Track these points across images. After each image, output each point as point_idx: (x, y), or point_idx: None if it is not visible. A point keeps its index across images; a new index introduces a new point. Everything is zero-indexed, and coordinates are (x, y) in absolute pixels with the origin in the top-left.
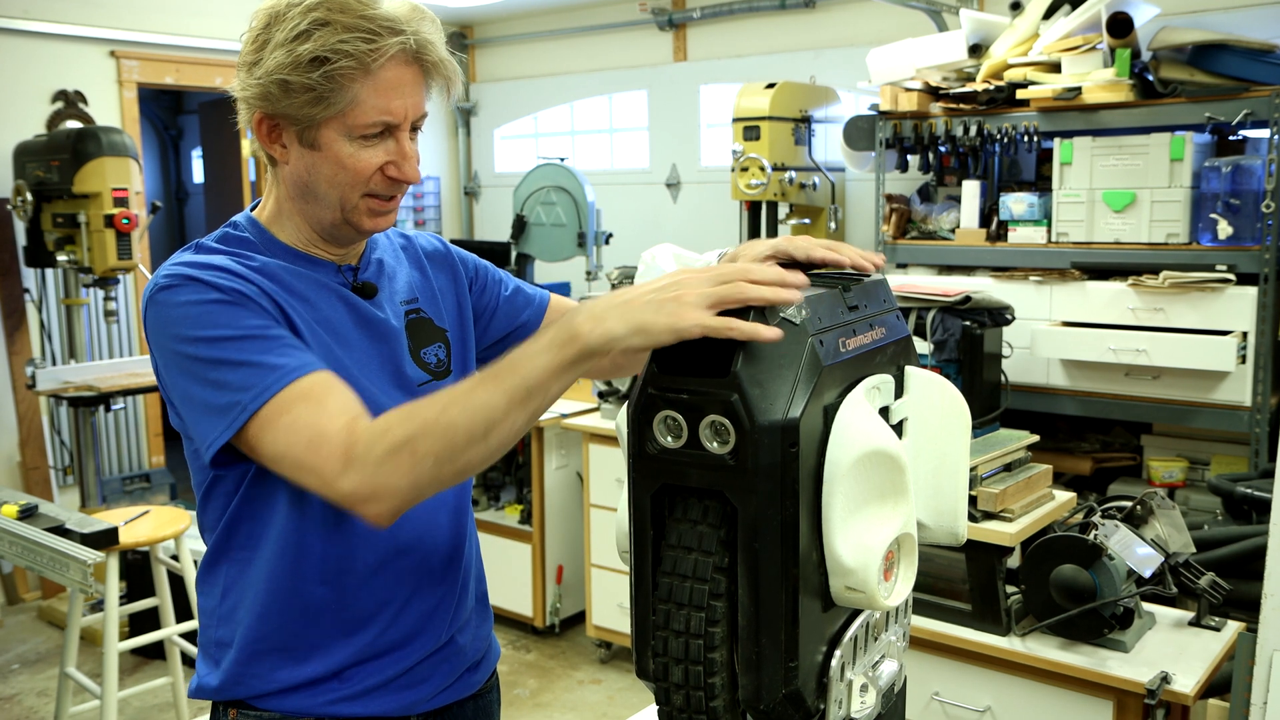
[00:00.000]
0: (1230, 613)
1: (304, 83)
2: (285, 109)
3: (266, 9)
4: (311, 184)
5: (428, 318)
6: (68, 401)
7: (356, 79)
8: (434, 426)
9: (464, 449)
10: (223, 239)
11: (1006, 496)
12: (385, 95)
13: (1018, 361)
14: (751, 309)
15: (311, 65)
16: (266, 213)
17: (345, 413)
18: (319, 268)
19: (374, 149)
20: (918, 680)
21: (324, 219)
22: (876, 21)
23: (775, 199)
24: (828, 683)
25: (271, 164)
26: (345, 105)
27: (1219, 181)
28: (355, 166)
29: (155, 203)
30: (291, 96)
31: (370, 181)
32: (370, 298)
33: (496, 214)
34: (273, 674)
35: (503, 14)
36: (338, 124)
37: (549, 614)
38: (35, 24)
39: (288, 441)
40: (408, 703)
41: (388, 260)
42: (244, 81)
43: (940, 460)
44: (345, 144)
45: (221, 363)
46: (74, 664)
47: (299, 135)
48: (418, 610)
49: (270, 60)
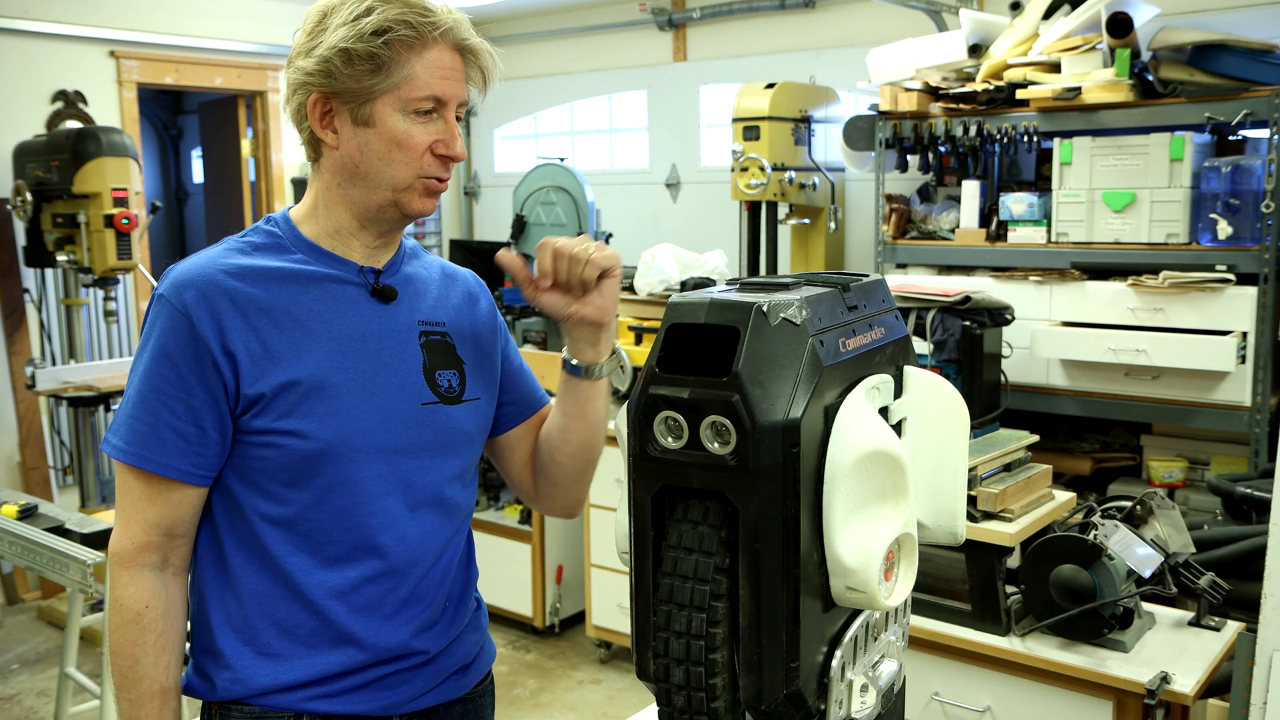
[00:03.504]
0: (1230, 613)
1: (367, 50)
2: (345, 83)
3: (320, 6)
4: (363, 164)
5: (450, 344)
6: (67, 401)
7: (415, 51)
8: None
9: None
10: (251, 233)
11: (1006, 496)
12: (437, 73)
13: (1017, 361)
14: (753, 308)
15: (374, 35)
16: (302, 209)
17: (150, 527)
18: (339, 265)
19: (425, 126)
20: (918, 680)
21: (371, 202)
22: (876, 21)
23: (775, 199)
24: (828, 683)
25: (315, 157)
26: (401, 79)
27: (1219, 181)
28: (409, 142)
29: (155, 203)
30: (353, 66)
31: (424, 160)
32: (388, 301)
33: (496, 214)
34: (256, 679)
35: (503, 14)
36: (393, 97)
37: (549, 614)
38: (35, 24)
39: (117, 495)
40: (389, 703)
41: (422, 278)
42: (300, 66)
43: (939, 460)
44: (400, 119)
45: (140, 399)
46: (74, 664)
47: (353, 114)
48: (402, 629)
49: (332, 37)
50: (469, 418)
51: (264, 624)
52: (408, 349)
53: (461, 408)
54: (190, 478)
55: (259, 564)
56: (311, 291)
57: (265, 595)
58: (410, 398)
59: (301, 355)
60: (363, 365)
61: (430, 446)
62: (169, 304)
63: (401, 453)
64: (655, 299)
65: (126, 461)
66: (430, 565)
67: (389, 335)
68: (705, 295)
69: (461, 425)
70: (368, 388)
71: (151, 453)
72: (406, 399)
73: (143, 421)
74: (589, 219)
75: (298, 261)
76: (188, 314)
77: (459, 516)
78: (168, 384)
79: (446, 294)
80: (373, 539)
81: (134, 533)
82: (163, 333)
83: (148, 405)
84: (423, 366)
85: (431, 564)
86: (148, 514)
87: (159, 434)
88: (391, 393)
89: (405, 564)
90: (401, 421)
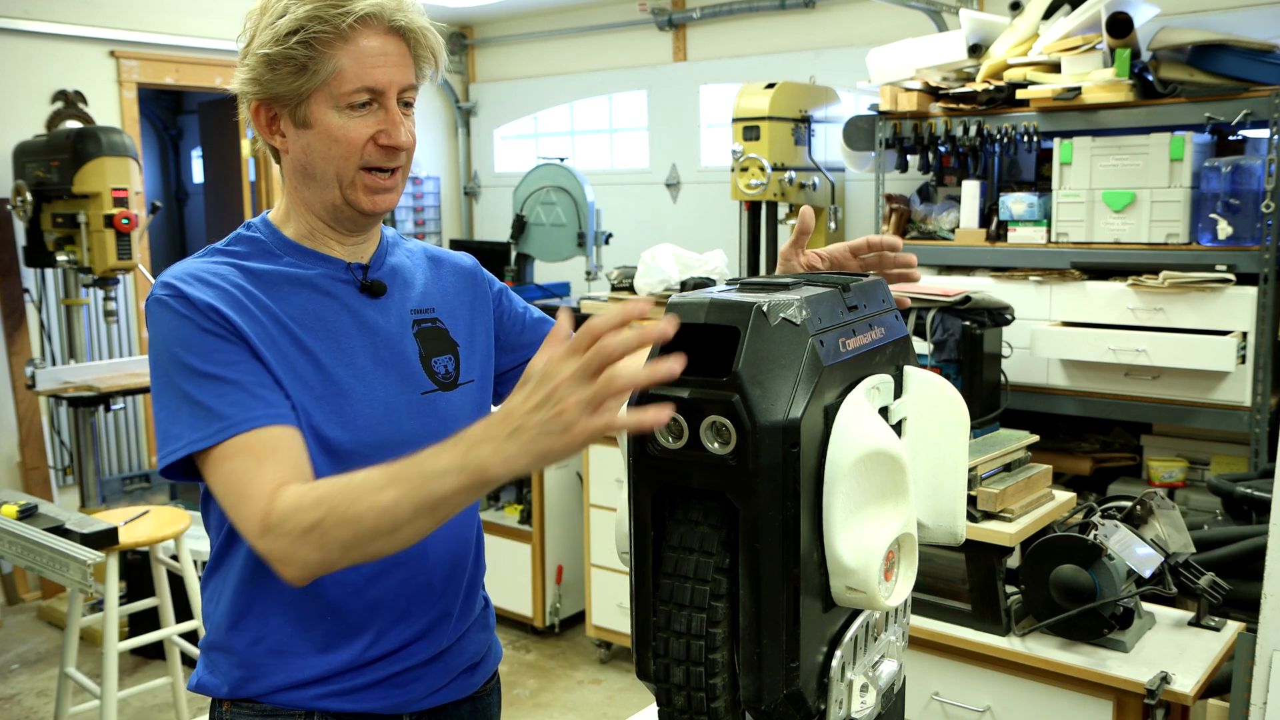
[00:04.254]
0: (1230, 613)
1: (285, 53)
2: (274, 88)
3: (248, 11)
4: (310, 165)
5: (442, 328)
6: (67, 401)
7: (335, 45)
8: (342, 517)
9: (369, 542)
10: (234, 241)
11: (1006, 496)
12: (366, 63)
13: (1018, 361)
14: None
15: (288, 36)
16: (279, 212)
17: (274, 480)
18: (327, 264)
19: (363, 119)
20: (918, 680)
21: (325, 200)
22: (876, 21)
23: (775, 199)
24: (828, 683)
25: (276, 160)
26: (328, 75)
27: (1219, 181)
28: (346, 137)
29: (155, 203)
30: (276, 71)
31: (364, 152)
32: (378, 296)
33: (496, 214)
34: (269, 676)
35: (503, 14)
36: (324, 95)
37: (549, 614)
38: (35, 24)
39: (223, 490)
40: (399, 701)
41: (407, 267)
42: (237, 75)
43: (939, 460)
44: (335, 116)
45: (183, 395)
46: (74, 664)
47: (292, 116)
48: (415, 623)
49: (256, 43)
50: (465, 401)
51: (277, 621)
52: (404, 340)
53: (458, 392)
54: (277, 419)
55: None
56: (305, 293)
57: (279, 591)
58: (411, 389)
59: (305, 354)
60: (362, 362)
61: (434, 435)
62: (167, 302)
63: (408, 444)
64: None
65: (208, 445)
66: (440, 556)
67: (384, 329)
68: (705, 295)
69: (460, 410)
70: (369, 383)
71: (224, 421)
72: (407, 390)
73: (195, 405)
74: (589, 219)
75: (287, 265)
76: (192, 300)
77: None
78: (196, 358)
79: (433, 279)
80: None
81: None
82: (172, 323)
83: (189, 391)
84: (419, 356)
85: (441, 555)
86: (264, 475)
87: (218, 401)
88: (393, 386)
89: (416, 555)
90: (405, 413)
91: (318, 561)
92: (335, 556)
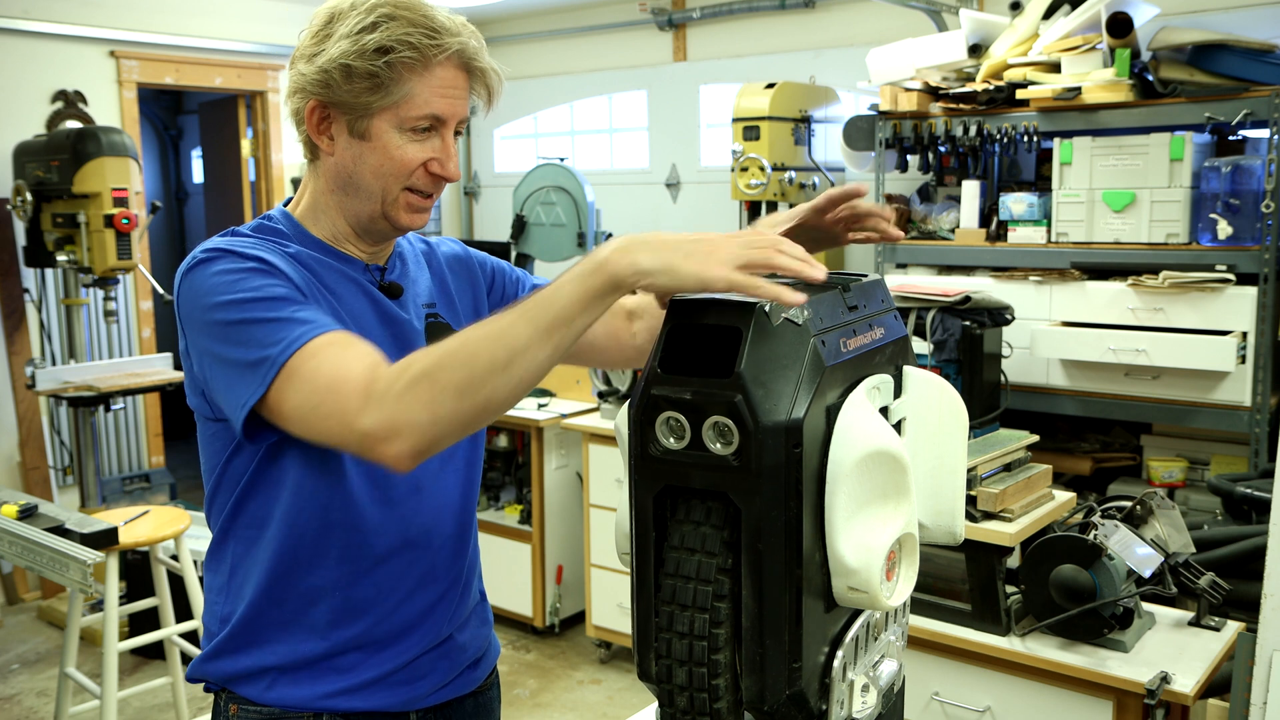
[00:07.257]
0: (1230, 613)
1: (367, 69)
2: (343, 96)
3: (329, 7)
4: (355, 175)
5: (445, 322)
6: (67, 401)
7: (415, 72)
8: (454, 356)
9: (485, 379)
10: (257, 229)
11: (1006, 496)
12: (438, 92)
13: (1017, 361)
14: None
15: (376, 54)
16: (301, 207)
17: (369, 357)
18: (349, 264)
19: (420, 144)
20: (918, 680)
21: (362, 212)
22: (876, 21)
23: (775, 199)
24: (830, 683)
25: (312, 158)
26: (400, 97)
27: (1219, 181)
28: (402, 158)
29: (155, 203)
30: (352, 83)
31: (414, 175)
32: (395, 298)
33: (496, 214)
34: (269, 649)
35: (502, 14)
36: (390, 115)
37: (549, 614)
38: (35, 24)
39: (310, 388)
40: (406, 698)
41: (410, 264)
42: (302, 71)
43: (938, 460)
44: (395, 136)
45: (251, 322)
46: (74, 664)
47: (349, 125)
48: (418, 604)
49: (334, 49)
50: None
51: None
52: (416, 338)
53: None
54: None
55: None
56: (333, 276)
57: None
58: None
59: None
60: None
61: None
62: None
63: None
64: None
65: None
66: (444, 538)
67: (399, 324)
68: (707, 296)
69: None
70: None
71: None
72: None
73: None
74: (589, 219)
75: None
76: (240, 253)
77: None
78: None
79: (430, 274)
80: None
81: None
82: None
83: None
84: None
85: (446, 537)
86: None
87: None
88: None
89: (422, 535)
90: None
91: (427, 421)
92: (445, 410)
